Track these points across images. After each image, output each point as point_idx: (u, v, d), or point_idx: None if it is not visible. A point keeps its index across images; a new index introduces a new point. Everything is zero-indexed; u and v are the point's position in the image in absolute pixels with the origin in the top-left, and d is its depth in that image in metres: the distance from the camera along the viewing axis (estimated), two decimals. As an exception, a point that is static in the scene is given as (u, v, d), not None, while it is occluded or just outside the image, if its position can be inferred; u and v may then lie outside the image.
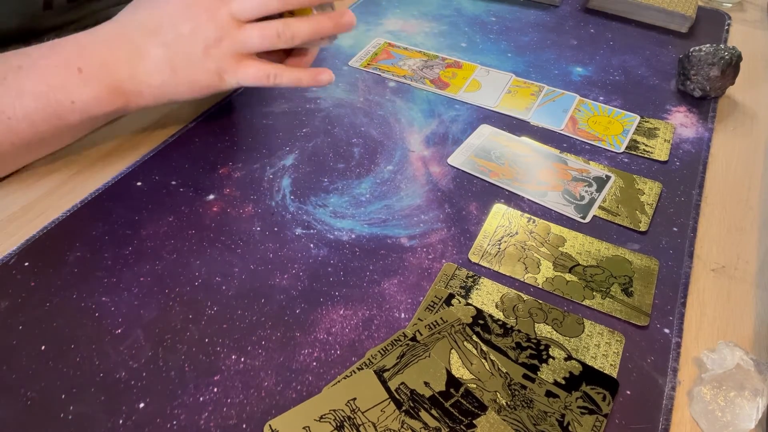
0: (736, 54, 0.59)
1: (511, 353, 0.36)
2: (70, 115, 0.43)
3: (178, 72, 0.44)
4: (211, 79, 0.45)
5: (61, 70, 0.41)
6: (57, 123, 0.43)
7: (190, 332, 0.37)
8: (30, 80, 0.41)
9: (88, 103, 0.42)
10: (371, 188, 0.48)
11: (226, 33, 0.43)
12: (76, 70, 0.41)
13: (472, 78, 0.63)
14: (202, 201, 0.46)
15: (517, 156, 0.53)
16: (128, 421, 0.32)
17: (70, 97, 0.42)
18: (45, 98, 0.41)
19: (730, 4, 0.84)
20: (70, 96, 0.42)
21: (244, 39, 0.43)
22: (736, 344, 0.36)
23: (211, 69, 0.44)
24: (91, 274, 0.39)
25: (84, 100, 0.42)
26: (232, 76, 0.45)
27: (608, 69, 0.66)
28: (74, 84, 0.42)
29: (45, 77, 0.41)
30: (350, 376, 0.34)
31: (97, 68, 0.42)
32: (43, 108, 0.41)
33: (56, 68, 0.41)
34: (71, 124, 0.43)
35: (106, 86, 0.42)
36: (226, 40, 0.43)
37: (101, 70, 0.42)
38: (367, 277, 0.41)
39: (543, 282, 0.41)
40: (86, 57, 0.42)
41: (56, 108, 0.42)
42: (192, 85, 0.45)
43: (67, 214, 0.44)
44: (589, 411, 0.34)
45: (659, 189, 0.50)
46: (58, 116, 0.42)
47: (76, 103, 0.42)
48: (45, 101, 0.41)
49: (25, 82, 0.41)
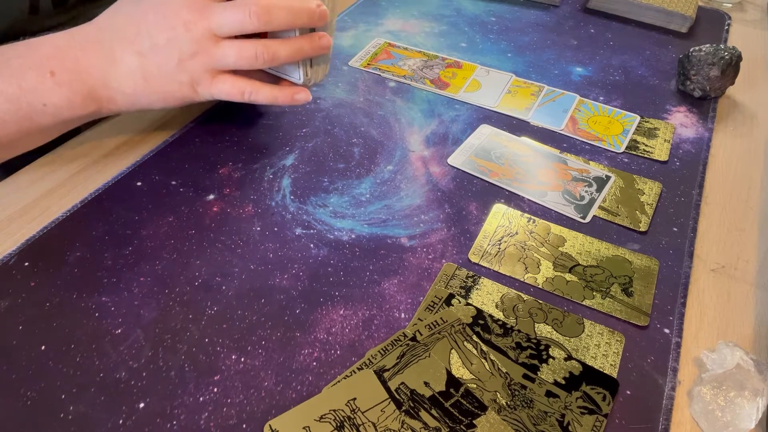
0: (736, 54, 0.59)
1: (511, 353, 0.36)
2: (42, 118, 0.42)
3: (150, 81, 0.43)
4: (184, 91, 0.44)
5: (33, 72, 0.41)
6: (27, 125, 0.42)
7: (190, 332, 0.37)
8: (2, 80, 0.40)
9: (60, 106, 0.42)
10: (371, 188, 0.48)
11: (202, 48, 0.42)
12: (48, 73, 0.41)
13: (472, 78, 0.63)
14: (202, 201, 0.46)
15: (517, 156, 0.53)
16: (128, 421, 0.32)
17: (42, 99, 0.41)
18: (16, 100, 0.41)
19: (730, 4, 0.84)
20: (42, 99, 0.41)
21: (220, 56, 0.43)
22: (736, 344, 0.36)
23: (184, 81, 0.44)
24: (91, 274, 0.39)
25: (55, 104, 0.42)
26: (206, 90, 0.45)
27: (608, 69, 0.66)
28: (46, 87, 0.41)
29: (17, 78, 0.41)
30: (350, 376, 0.34)
31: (70, 72, 0.42)
32: (14, 110, 0.41)
33: (29, 70, 0.41)
34: (42, 127, 0.43)
35: (78, 91, 0.42)
36: (202, 54, 0.43)
37: (74, 74, 0.42)
38: (367, 277, 0.41)
39: (543, 282, 0.41)
40: (60, 60, 0.41)
41: (27, 110, 0.41)
42: (165, 95, 0.44)
43: (67, 214, 0.44)
44: (589, 411, 0.34)
45: (659, 189, 0.50)
46: (28, 118, 0.42)
47: (47, 106, 0.42)
48: (16, 103, 0.41)
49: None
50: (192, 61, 0.43)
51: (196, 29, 0.42)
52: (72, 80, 0.42)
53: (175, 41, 0.42)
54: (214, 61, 0.43)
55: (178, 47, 0.42)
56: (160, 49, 0.42)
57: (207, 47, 0.42)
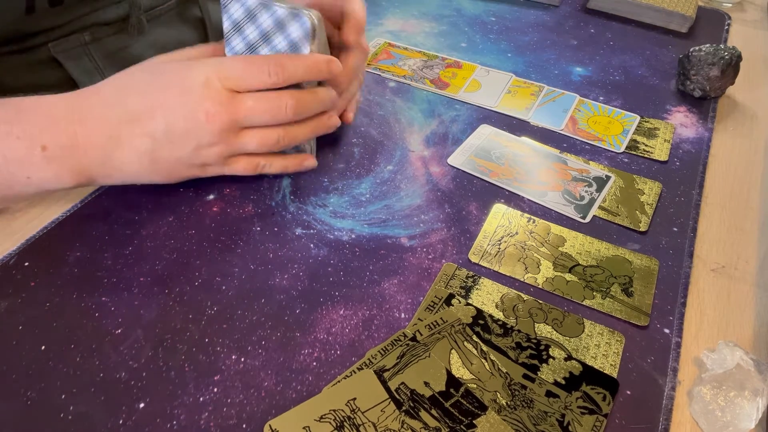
0: (736, 54, 0.59)
1: (511, 353, 0.36)
2: (23, 189, 0.39)
3: (158, 164, 0.41)
4: (193, 171, 0.43)
5: (22, 142, 0.37)
6: (5, 192, 0.40)
7: (190, 332, 0.37)
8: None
9: (46, 180, 0.39)
10: (371, 188, 0.48)
11: (223, 139, 0.40)
12: (39, 147, 0.38)
13: (472, 78, 0.63)
14: (202, 201, 0.46)
15: (517, 156, 0.53)
16: (128, 421, 0.32)
17: (27, 173, 0.38)
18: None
19: (730, 4, 0.84)
20: (27, 172, 0.38)
21: (240, 145, 0.42)
22: (736, 344, 0.36)
23: (195, 164, 0.42)
24: (91, 274, 0.39)
25: (41, 178, 0.39)
26: (217, 171, 0.44)
27: (608, 69, 0.66)
28: (34, 161, 0.38)
29: (2, 146, 0.37)
30: (350, 376, 0.34)
31: (64, 149, 0.38)
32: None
33: (18, 140, 0.37)
34: (21, 196, 0.40)
35: (69, 168, 0.39)
36: (222, 145, 0.41)
37: (68, 150, 0.38)
38: (367, 277, 0.41)
39: (543, 282, 0.41)
40: (54, 135, 0.38)
41: (8, 179, 0.38)
42: (170, 174, 0.43)
43: (67, 214, 0.44)
44: (589, 411, 0.34)
45: (659, 189, 0.50)
46: (8, 187, 0.39)
47: (32, 179, 0.39)
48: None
49: None
50: (209, 150, 0.41)
51: (219, 122, 0.39)
52: (65, 156, 0.38)
53: (194, 132, 0.39)
54: (233, 150, 0.42)
55: (196, 138, 0.40)
56: (175, 138, 0.39)
57: (228, 138, 0.41)
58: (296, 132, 0.44)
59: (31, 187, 0.39)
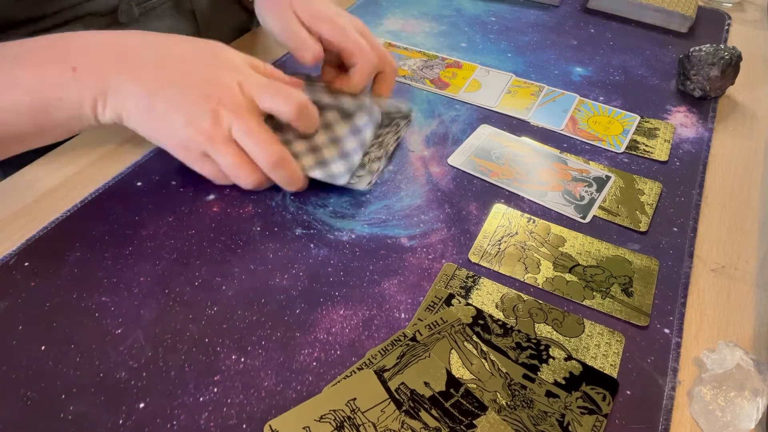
0: (736, 54, 0.59)
1: (511, 353, 0.36)
2: (55, 113, 0.42)
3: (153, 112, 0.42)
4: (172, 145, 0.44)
5: (56, 66, 0.41)
6: (42, 117, 0.42)
7: (190, 332, 0.37)
8: (26, 72, 0.40)
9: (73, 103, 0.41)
10: (371, 188, 0.48)
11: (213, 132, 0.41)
12: (71, 69, 0.41)
13: (472, 78, 0.63)
14: (202, 201, 0.46)
15: (517, 156, 0.53)
16: (128, 421, 0.32)
17: (58, 93, 0.41)
18: (35, 92, 0.40)
19: (730, 4, 0.84)
20: (59, 93, 0.41)
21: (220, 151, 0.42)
22: (736, 344, 0.36)
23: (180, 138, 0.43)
24: (91, 274, 0.39)
25: (70, 99, 0.41)
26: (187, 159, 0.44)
27: (608, 69, 0.66)
28: (66, 81, 0.41)
29: (40, 71, 0.40)
30: (350, 376, 0.34)
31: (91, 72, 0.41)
32: (32, 101, 0.41)
33: (53, 64, 0.41)
34: (55, 122, 0.42)
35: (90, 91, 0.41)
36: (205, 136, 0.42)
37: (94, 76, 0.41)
38: (367, 277, 0.41)
39: (543, 282, 0.41)
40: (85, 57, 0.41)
41: (44, 102, 0.41)
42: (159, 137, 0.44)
43: (67, 214, 0.44)
44: (589, 411, 0.34)
45: (659, 189, 0.50)
46: (44, 111, 0.41)
47: (62, 100, 0.41)
48: (35, 95, 0.41)
49: (19, 72, 0.40)
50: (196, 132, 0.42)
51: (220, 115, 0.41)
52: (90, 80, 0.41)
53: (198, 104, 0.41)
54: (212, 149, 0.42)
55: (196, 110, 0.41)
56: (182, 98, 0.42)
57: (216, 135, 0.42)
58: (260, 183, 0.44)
59: (62, 110, 0.42)
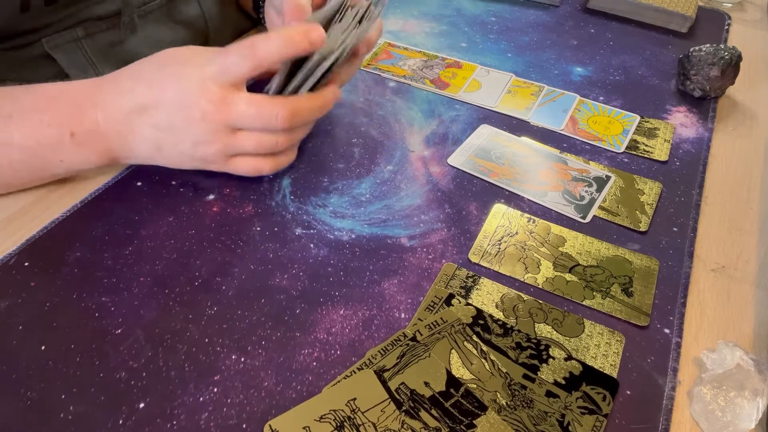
0: (736, 54, 0.59)
1: (511, 353, 0.36)
2: (56, 169, 0.43)
3: (164, 153, 0.43)
4: (197, 164, 0.45)
5: (53, 130, 0.41)
6: (41, 174, 0.43)
7: (190, 332, 0.37)
8: (20, 133, 0.40)
9: (77, 162, 0.43)
10: (371, 188, 0.48)
11: (218, 139, 0.42)
12: (68, 134, 0.41)
13: (472, 78, 0.63)
14: (202, 201, 0.46)
15: (517, 156, 0.53)
16: (128, 421, 0.32)
17: (59, 157, 0.42)
18: (33, 153, 0.41)
19: (730, 4, 0.84)
20: (59, 156, 0.42)
21: (239, 146, 0.43)
22: (736, 344, 0.36)
23: (197, 158, 0.44)
24: (91, 274, 0.39)
25: (72, 161, 0.43)
26: (220, 167, 0.45)
27: (608, 69, 0.66)
28: (65, 146, 0.41)
29: (36, 134, 0.41)
30: (350, 376, 0.34)
31: (89, 134, 0.42)
32: (29, 160, 0.42)
33: (48, 127, 0.41)
34: (55, 175, 0.44)
35: (95, 151, 0.43)
36: (218, 144, 0.42)
37: (93, 136, 0.42)
38: (367, 277, 0.41)
39: (543, 282, 0.41)
40: (80, 121, 0.41)
41: (43, 162, 0.42)
42: (178, 163, 0.45)
43: (67, 214, 0.44)
44: (589, 411, 0.34)
45: (659, 189, 0.50)
46: (43, 169, 0.43)
47: (64, 162, 0.42)
48: (32, 155, 0.41)
49: (14, 133, 0.40)
50: (207, 147, 0.43)
51: (212, 121, 0.41)
52: (91, 141, 0.42)
53: (190, 127, 0.41)
54: (230, 150, 0.43)
55: (193, 133, 0.42)
56: (176, 130, 0.42)
57: (223, 138, 0.42)
58: (296, 134, 0.44)
59: (63, 168, 0.43)
